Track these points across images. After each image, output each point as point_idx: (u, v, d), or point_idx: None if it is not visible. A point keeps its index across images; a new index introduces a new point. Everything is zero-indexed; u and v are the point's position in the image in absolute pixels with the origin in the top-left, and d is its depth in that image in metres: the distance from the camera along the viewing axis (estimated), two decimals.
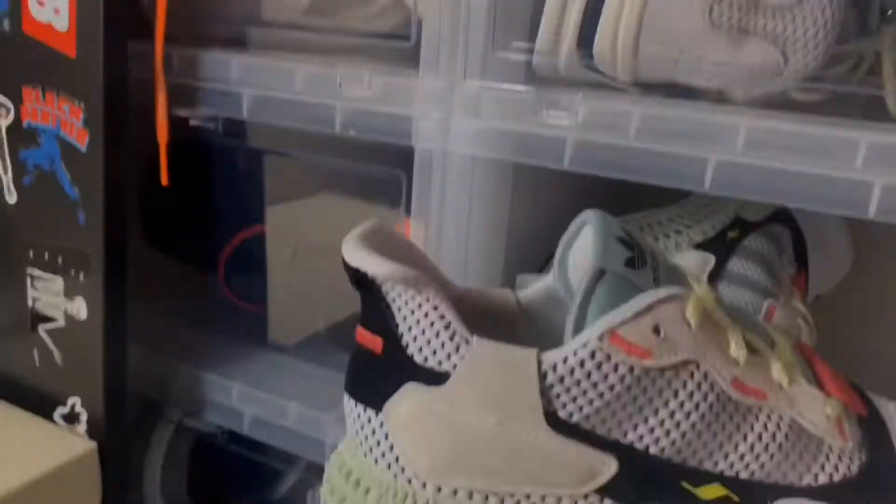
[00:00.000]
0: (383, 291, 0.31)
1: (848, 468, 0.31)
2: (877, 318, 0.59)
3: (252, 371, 0.52)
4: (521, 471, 0.30)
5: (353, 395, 0.33)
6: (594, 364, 0.30)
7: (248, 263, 0.55)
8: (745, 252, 0.50)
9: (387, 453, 0.31)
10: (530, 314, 0.36)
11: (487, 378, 0.30)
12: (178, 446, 0.63)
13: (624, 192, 0.51)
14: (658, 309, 0.30)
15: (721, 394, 0.30)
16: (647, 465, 0.30)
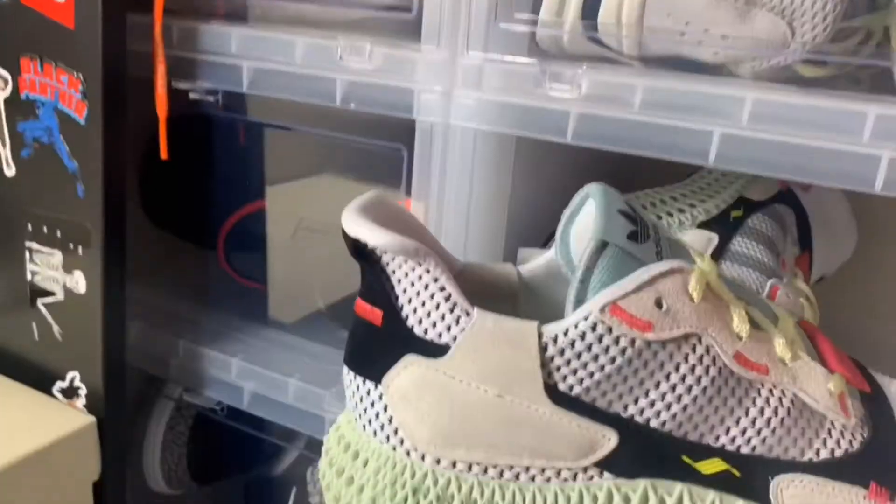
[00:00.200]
0: (383, 262, 0.31)
1: (850, 444, 0.31)
2: (880, 302, 0.58)
3: (252, 347, 0.52)
4: (520, 443, 0.30)
5: (352, 368, 0.32)
6: (595, 336, 0.29)
7: (248, 240, 0.55)
8: (748, 232, 0.49)
9: (385, 425, 0.31)
10: (531, 289, 0.36)
11: (487, 350, 0.30)
12: (178, 423, 0.63)
13: (627, 169, 0.50)
14: (661, 282, 0.30)
15: (723, 368, 0.30)
16: (647, 439, 0.30)
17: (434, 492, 0.30)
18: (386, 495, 0.31)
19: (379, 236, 0.30)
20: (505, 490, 0.30)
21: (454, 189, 0.39)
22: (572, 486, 0.30)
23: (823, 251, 0.55)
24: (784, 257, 0.51)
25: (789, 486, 0.30)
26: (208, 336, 0.53)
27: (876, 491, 0.30)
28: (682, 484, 0.30)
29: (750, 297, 0.34)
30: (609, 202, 0.31)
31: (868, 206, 0.56)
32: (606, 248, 0.30)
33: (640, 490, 0.30)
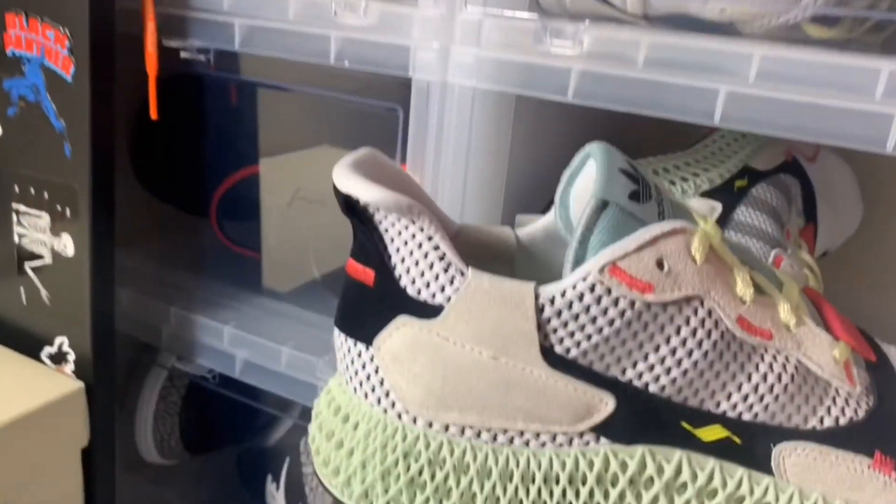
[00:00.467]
0: (375, 220, 0.30)
1: (855, 412, 0.30)
2: (884, 278, 0.57)
3: (244, 315, 0.51)
4: (514, 407, 0.29)
5: (343, 329, 0.31)
6: (593, 298, 0.28)
7: (241, 207, 0.54)
8: (752, 201, 0.49)
9: (377, 388, 0.30)
10: (529, 252, 0.35)
11: (482, 311, 0.29)
12: (171, 392, 0.63)
13: (632, 136, 0.49)
14: (662, 242, 0.29)
15: (725, 332, 0.29)
16: (645, 404, 0.29)
17: (425, 455, 0.29)
18: (376, 459, 0.30)
19: (371, 192, 0.29)
20: (498, 454, 0.29)
21: (451, 150, 0.38)
22: (567, 451, 0.29)
23: (828, 223, 0.54)
24: (788, 228, 0.50)
25: (791, 453, 0.29)
26: (200, 304, 0.52)
27: (880, 460, 0.29)
28: (681, 451, 0.29)
29: (754, 261, 0.33)
30: (610, 161, 0.30)
31: (873, 180, 0.55)
32: (607, 207, 0.29)
33: (638, 456, 0.29)
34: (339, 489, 0.31)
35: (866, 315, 0.41)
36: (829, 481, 0.29)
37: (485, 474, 0.29)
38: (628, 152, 0.44)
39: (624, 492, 0.29)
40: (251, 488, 0.59)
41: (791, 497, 0.29)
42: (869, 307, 0.55)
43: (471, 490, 0.29)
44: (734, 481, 0.29)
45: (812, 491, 0.29)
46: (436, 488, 0.29)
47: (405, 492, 0.29)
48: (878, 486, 0.29)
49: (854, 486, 0.29)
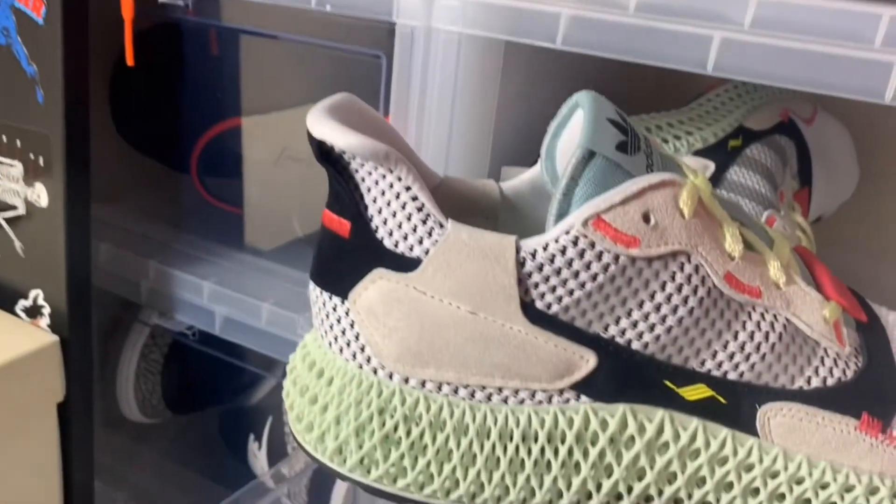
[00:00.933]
0: (351, 169, 0.28)
1: (843, 373, 0.29)
2: (877, 244, 0.56)
3: (225, 271, 0.50)
4: (493, 363, 0.28)
5: (318, 282, 0.30)
6: (576, 251, 0.27)
7: (223, 161, 0.53)
8: (746, 161, 0.47)
9: (352, 342, 0.29)
10: (514, 206, 0.34)
11: (461, 265, 0.28)
12: (153, 350, 0.62)
13: (626, 93, 0.48)
14: (650, 194, 0.28)
15: (712, 289, 0.28)
16: (628, 362, 0.28)
17: (401, 411, 0.28)
18: (350, 415, 0.29)
19: (346, 138, 0.27)
20: (476, 411, 0.29)
21: (436, 100, 0.37)
22: (547, 408, 0.29)
23: (823, 187, 0.53)
24: (782, 190, 0.49)
25: (777, 414, 0.29)
26: (180, 259, 0.50)
27: (868, 422, 0.29)
28: (663, 410, 0.29)
29: (745, 218, 0.32)
30: (598, 109, 0.29)
31: (869, 145, 0.54)
32: (593, 158, 0.28)
33: (619, 414, 0.28)
34: (313, 445, 0.30)
35: (858, 282, 0.41)
36: (814, 443, 0.29)
37: (461, 431, 0.29)
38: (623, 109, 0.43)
39: (604, 451, 0.29)
40: (233, 447, 0.58)
41: (775, 458, 0.29)
42: (861, 274, 0.54)
43: (447, 447, 0.29)
44: (718, 442, 0.29)
45: (797, 452, 0.29)
46: (411, 445, 0.28)
47: (379, 448, 0.29)
48: (865, 448, 0.29)
49: (840, 448, 0.29)
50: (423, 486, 0.29)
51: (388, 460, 0.29)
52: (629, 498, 0.29)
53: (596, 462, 0.29)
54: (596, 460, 0.29)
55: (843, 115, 0.53)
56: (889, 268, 0.56)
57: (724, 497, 0.29)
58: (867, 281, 0.49)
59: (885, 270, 0.56)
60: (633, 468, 0.29)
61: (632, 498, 0.29)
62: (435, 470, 0.28)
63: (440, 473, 0.28)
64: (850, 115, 0.53)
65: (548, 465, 0.29)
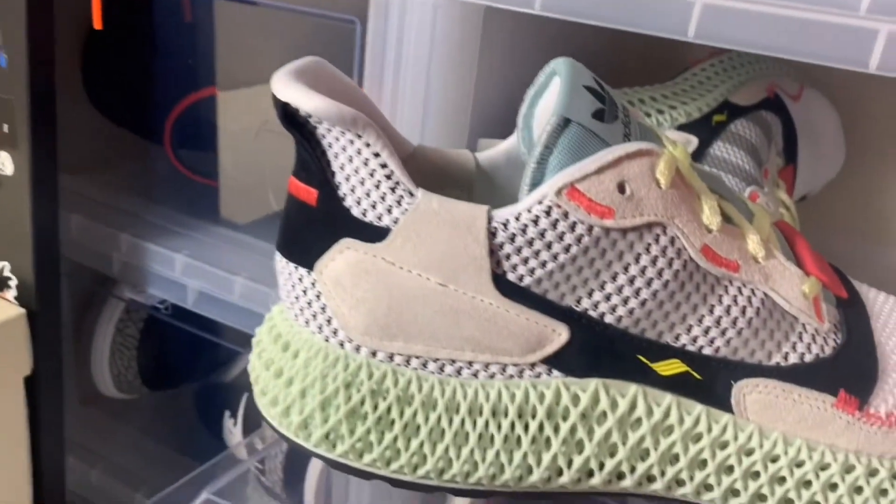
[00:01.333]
0: (318, 134, 0.27)
1: (821, 349, 0.29)
2: (861, 224, 0.56)
3: (199, 244, 0.49)
4: (463, 336, 0.27)
5: (284, 253, 0.29)
6: (549, 222, 0.26)
7: (197, 131, 0.51)
8: (730, 137, 0.47)
9: (318, 315, 0.28)
10: (489, 178, 0.33)
11: (431, 235, 0.27)
12: (128, 325, 0.61)
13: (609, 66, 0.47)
14: (625, 164, 0.27)
15: (688, 262, 0.27)
16: (601, 336, 0.27)
17: (368, 385, 0.28)
18: (315, 388, 0.28)
19: (312, 101, 0.26)
20: (445, 385, 0.28)
21: (411, 68, 0.36)
22: (518, 382, 0.28)
23: (809, 165, 0.53)
24: (767, 167, 0.48)
25: (753, 391, 0.28)
26: (153, 231, 0.49)
27: (845, 399, 0.28)
28: (636, 385, 0.28)
29: (725, 191, 0.31)
30: (575, 76, 0.28)
31: (856, 124, 0.54)
32: (568, 125, 0.27)
33: (591, 389, 0.28)
34: (277, 420, 0.29)
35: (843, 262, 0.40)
36: (790, 420, 0.28)
37: (430, 406, 0.28)
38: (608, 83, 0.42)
39: (575, 426, 0.28)
40: (209, 424, 0.58)
41: (750, 436, 0.28)
42: (846, 254, 0.53)
43: (415, 422, 0.28)
44: (691, 418, 0.28)
45: (772, 430, 0.28)
46: (378, 419, 0.28)
47: (345, 423, 0.28)
48: (841, 425, 0.28)
49: (816, 426, 0.28)
50: (390, 462, 0.28)
51: (354, 435, 0.28)
52: (600, 475, 0.28)
53: (567, 438, 0.28)
54: (567, 436, 0.28)
55: (831, 94, 0.52)
56: (875, 248, 0.55)
57: (697, 475, 0.28)
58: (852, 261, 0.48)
59: (871, 250, 0.55)
60: (605, 444, 0.28)
61: (603, 475, 0.28)
62: (402, 445, 0.28)
63: (407, 449, 0.28)
64: (837, 93, 0.52)
65: (518, 440, 0.28)
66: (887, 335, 0.30)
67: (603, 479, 0.28)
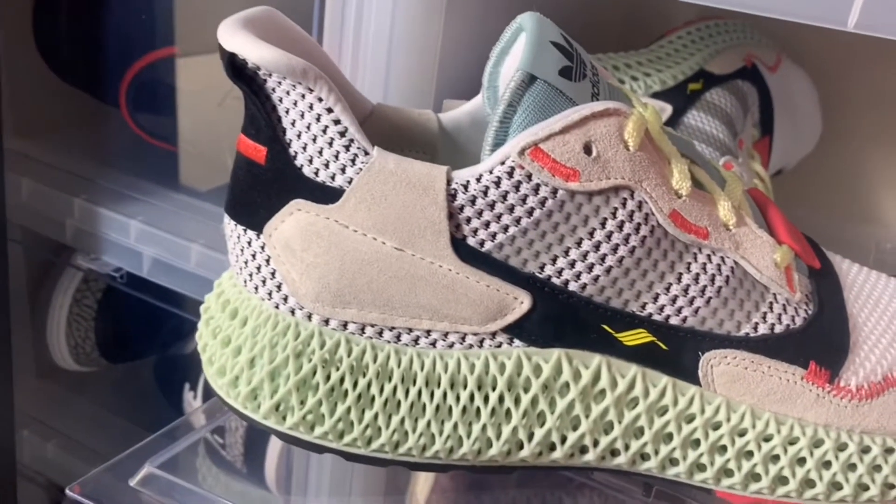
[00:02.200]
0: (267, 88, 0.26)
1: (792, 320, 0.28)
2: (840, 202, 0.55)
3: (155, 210, 0.47)
4: (420, 304, 0.26)
5: (232, 215, 0.28)
6: (512, 184, 0.25)
7: (154, 94, 0.49)
8: (705, 105, 0.46)
9: (268, 280, 0.27)
10: (453, 139, 0.32)
11: (387, 196, 0.25)
12: (86, 296, 0.59)
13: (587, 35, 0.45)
14: (592, 124, 0.25)
15: (656, 227, 0.26)
16: (564, 304, 0.26)
17: (319, 355, 0.26)
18: (264, 358, 0.27)
19: (259, 51, 0.25)
20: (401, 355, 0.27)
21: (373, 24, 0.34)
22: (478, 352, 0.27)
23: (785, 138, 0.52)
24: (742, 138, 0.47)
25: (721, 362, 0.27)
26: (108, 196, 0.47)
27: (815, 371, 0.27)
28: (600, 355, 0.27)
29: (696, 156, 0.29)
30: (541, 31, 0.27)
31: (834, 100, 0.53)
32: (533, 83, 0.26)
33: (553, 360, 0.27)
34: (225, 390, 0.28)
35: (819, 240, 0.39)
36: (758, 393, 0.27)
37: (385, 376, 0.27)
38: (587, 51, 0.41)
39: (536, 398, 0.27)
40: (169, 396, 0.56)
41: (718, 409, 0.27)
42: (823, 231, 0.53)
43: (368, 393, 0.26)
44: (657, 390, 0.27)
45: (740, 403, 0.27)
46: (329, 390, 0.26)
47: (295, 394, 0.26)
48: (811, 398, 0.27)
49: (785, 399, 0.27)
50: (343, 435, 0.27)
51: (305, 406, 0.26)
52: (562, 448, 0.27)
53: (528, 410, 0.27)
54: (528, 408, 0.27)
55: (808, 70, 0.52)
56: (851, 226, 0.55)
57: (662, 449, 0.27)
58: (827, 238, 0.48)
59: (846, 227, 0.55)
60: (568, 417, 0.27)
61: (565, 448, 0.27)
62: (355, 417, 0.26)
63: (361, 421, 0.26)
64: (814, 69, 0.51)
65: (476, 412, 0.27)
66: (859, 307, 0.30)
67: (565, 453, 0.27)
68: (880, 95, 0.53)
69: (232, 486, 0.32)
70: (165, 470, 0.29)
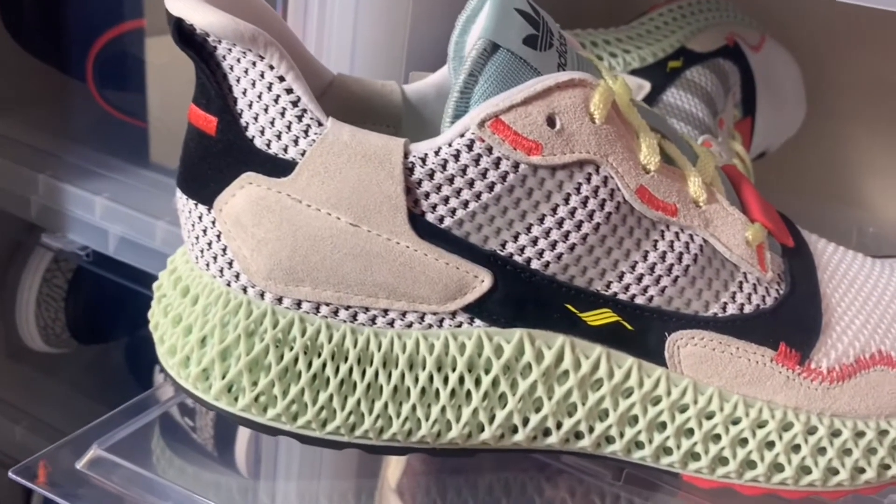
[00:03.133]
0: (217, 55, 0.25)
1: (762, 300, 0.27)
2: (824, 186, 0.54)
3: (122, 186, 0.46)
4: (376, 282, 0.25)
5: (184, 188, 0.27)
6: (471, 157, 0.24)
7: (123, 67, 0.48)
8: (685, 84, 0.45)
9: (219, 257, 0.26)
10: (418, 112, 0.30)
11: (341, 169, 0.24)
12: (56, 275, 0.58)
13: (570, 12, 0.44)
14: (556, 95, 0.24)
15: (622, 203, 0.25)
16: (526, 283, 0.25)
17: (272, 334, 0.25)
18: (215, 338, 0.26)
19: (206, 16, 0.24)
20: (358, 335, 0.26)
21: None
22: (437, 332, 0.26)
23: (768, 119, 0.51)
24: (723, 117, 0.46)
25: (688, 343, 0.26)
26: (74, 172, 0.46)
27: (785, 353, 0.26)
28: (564, 336, 0.26)
29: (667, 130, 0.29)
30: None
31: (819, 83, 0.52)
32: (496, 51, 0.25)
33: (515, 340, 0.26)
34: (176, 370, 0.27)
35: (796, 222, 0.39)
36: (726, 375, 0.26)
37: (340, 357, 0.26)
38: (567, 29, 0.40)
39: (497, 379, 0.26)
40: (140, 378, 0.55)
41: (684, 391, 0.26)
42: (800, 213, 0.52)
43: (323, 374, 0.26)
44: (622, 372, 0.26)
45: (708, 385, 0.26)
46: (283, 371, 0.25)
47: (246, 374, 0.25)
48: (780, 380, 0.26)
49: (754, 381, 0.26)
50: (297, 417, 0.26)
51: (257, 388, 0.26)
52: (525, 431, 0.26)
53: (489, 391, 0.26)
54: (489, 389, 0.26)
55: (793, 51, 0.51)
56: (834, 209, 0.54)
57: (627, 432, 0.27)
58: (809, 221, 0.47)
59: (831, 212, 0.54)
60: (530, 399, 0.26)
61: (527, 431, 0.26)
62: (309, 399, 0.26)
63: (315, 402, 0.26)
64: (799, 51, 0.51)
65: (436, 394, 0.26)
66: (834, 287, 0.29)
67: (527, 436, 0.27)
68: (865, 78, 0.52)
69: (186, 469, 0.31)
70: (114, 452, 0.28)
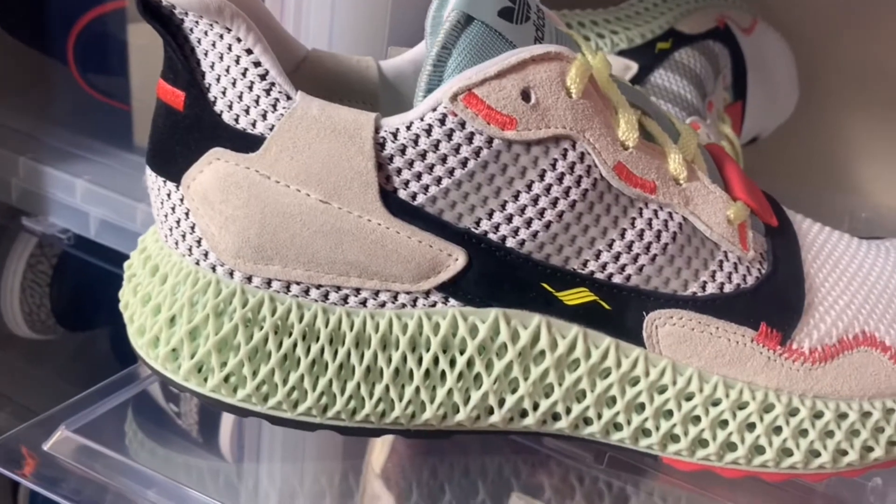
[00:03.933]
0: (185, 28, 0.24)
1: (743, 279, 0.26)
2: (813, 169, 0.54)
3: (104, 169, 0.45)
4: (348, 260, 0.25)
5: (152, 165, 0.26)
6: (444, 132, 0.24)
7: (105, 48, 0.47)
8: (673, 65, 0.44)
9: (187, 235, 0.25)
10: (395, 89, 0.30)
11: (311, 144, 0.24)
12: (41, 261, 0.57)
13: None
14: (531, 69, 0.24)
15: (599, 180, 0.25)
16: (501, 261, 0.25)
17: (241, 313, 0.25)
18: (184, 317, 0.25)
19: None
20: (329, 314, 0.25)
21: None
22: (410, 312, 0.25)
23: (759, 104, 0.50)
24: (711, 99, 0.46)
25: (666, 322, 0.26)
26: (55, 155, 0.46)
27: (766, 333, 0.26)
28: (540, 315, 0.25)
29: (648, 107, 0.28)
30: None
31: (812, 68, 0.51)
32: (470, 24, 0.24)
33: (491, 320, 0.25)
34: (145, 350, 0.26)
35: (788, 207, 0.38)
36: (706, 355, 0.26)
37: (311, 337, 0.25)
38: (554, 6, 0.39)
39: (472, 359, 0.25)
40: (126, 364, 0.55)
41: (663, 371, 0.26)
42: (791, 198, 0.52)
43: (294, 354, 0.25)
44: (599, 352, 0.26)
45: (687, 366, 0.26)
46: (252, 351, 0.25)
47: (215, 354, 0.25)
48: (761, 361, 0.26)
49: (734, 361, 0.26)
50: (267, 398, 0.25)
51: (226, 368, 0.25)
52: (501, 412, 0.26)
53: (464, 372, 0.26)
54: (464, 370, 0.25)
55: (786, 35, 0.50)
56: (827, 194, 0.54)
57: (605, 413, 0.26)
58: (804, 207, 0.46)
59: (824, 197, 0.53)
60: (505, 379, 0.26)
61: (503, 412, 0.26)
62: (279, 379, 0.25)
63: (285, 383, 0.25)
64: (792, 35, 0.50)
65: (409, 374, 0.25)
66: (818, 267, 0.28)
67: (503, 417, 0.26)
68: (858, 63, 0.51)
69: (157, 451, 0.31)
70: (82, 434, 0.28)
